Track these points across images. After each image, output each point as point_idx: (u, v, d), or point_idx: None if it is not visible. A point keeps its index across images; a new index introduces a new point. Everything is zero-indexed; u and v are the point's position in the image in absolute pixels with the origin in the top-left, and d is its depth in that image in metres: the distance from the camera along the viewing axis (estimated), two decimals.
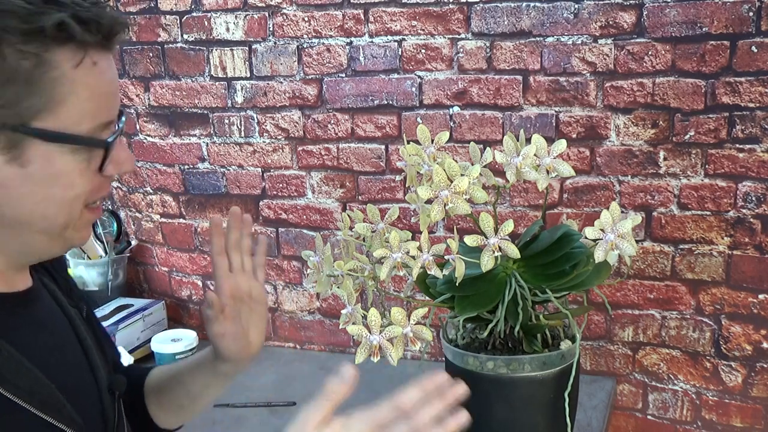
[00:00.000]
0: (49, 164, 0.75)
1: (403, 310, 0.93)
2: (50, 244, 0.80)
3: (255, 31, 1.92)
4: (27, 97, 0.72)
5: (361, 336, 0.92)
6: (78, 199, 0.78)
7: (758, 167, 1.62)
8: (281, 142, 1.97)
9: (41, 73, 0.72)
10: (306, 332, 2.09)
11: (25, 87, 0.72)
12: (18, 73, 0.71)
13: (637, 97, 1.67)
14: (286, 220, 2.02)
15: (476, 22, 1.75)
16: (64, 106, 0.74)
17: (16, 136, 0.72)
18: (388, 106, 1.86)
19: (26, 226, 0.77)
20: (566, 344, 1.07)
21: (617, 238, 0.95)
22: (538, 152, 0.99)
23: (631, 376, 1.84)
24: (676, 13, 1.60)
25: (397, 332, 0.92)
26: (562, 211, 1.78)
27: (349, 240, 1.04)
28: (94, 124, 0.77)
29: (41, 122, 0.73)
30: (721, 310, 1.72)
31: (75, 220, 0.79)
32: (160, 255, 2.20)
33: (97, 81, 0.77)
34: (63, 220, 0.78)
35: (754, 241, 1.66)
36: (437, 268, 0.96)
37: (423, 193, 0.92)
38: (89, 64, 0.75)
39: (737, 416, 1.75)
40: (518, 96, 1.76)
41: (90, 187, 0.79)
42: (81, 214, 0.80)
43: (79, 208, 0.79)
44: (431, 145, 1.03)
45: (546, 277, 1.05)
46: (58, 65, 0.73)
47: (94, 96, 0.76)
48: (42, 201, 0.76)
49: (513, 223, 0.97)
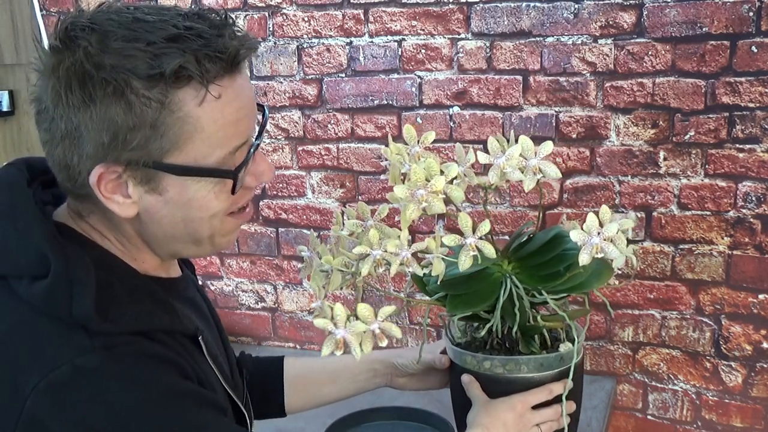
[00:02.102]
0: (184, 191, 0.80)
1: (371, 307, 0.93)
2: (199, 250, 0.87)
3: (255, 31, 1.92)
4: (154, 139, 0.76)
5: (327, 329, 0.93)
6: (216, 216, 0.83)
7: (758, 167, 1.62)
8: (281, 142, 1.97)
9: (165, 116, 0.76)
10: (306, 332, 2.09)
11: (151, 131, 0.76)
12: (144, 119, 0.75)
13: (637, 97, 1.67)
14: (286, 220, 2.02)
15: (476, 22, 1.75)
16: (191, 142, 0.78)
17: (150, 172, 0.78)
18: (388, 106, 1.86)
19: (175, 239, 0.84)
20: (566, 347, 1.07)
21: (603, 242, 0.95)
22: (525, 153, 0.98)
23: (631, 376, 1.84)
24: (676, 13, 1.60)
25: (361, 328, 0.92)
26: (562, 211, 1.78)
27: (340, 236, 1.05)
28: (225, 152, 0.80)
29: (171, 158, 0.78)
30: (721, 310, 1.72)
31: (219, 230, 0.85)
32: None
33: (223, 112, 0.79)
34: (207, 234, 0.84)
35: (754, 241, 1.66)
36: (417, 266, 0.96)
37: (399, 191, 0.93)
38: (212, 98, 0.77)
39: (737, 416, 1.75)
40: (518, 96, 1.76)
41: (227, 204, 0.83)
42: (224, 222, 0.85)
43: (220, 221, 0.84)
44: (417, 145, 1.03)
45: (540, 278, 1.05)
46: (181, 106, 0.76)
47: (221, 127, 0.79)
48: (182, 221, 0.82)
49: (488, 223, 0.97)
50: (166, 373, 0.79)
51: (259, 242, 2.06)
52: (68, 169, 0.79)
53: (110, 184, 0.78)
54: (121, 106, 0.74)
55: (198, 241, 0.85)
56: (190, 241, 0.85)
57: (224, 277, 2.12)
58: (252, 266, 2.09)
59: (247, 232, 2.07)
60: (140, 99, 0.74)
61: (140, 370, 0.77)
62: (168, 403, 0.77)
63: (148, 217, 0.82)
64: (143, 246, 0.86)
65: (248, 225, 2.06)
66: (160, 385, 0.77)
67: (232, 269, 2.11)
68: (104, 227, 0.85)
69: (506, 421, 1.05)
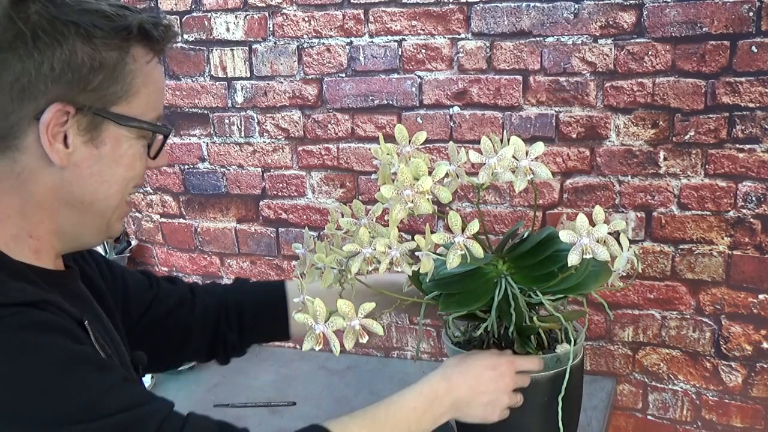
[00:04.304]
0: (118, 146, 0.87)
1: (351, 303, 0.93)
2: (97, 229, 0.92)
3: (255, 31, 1.92)
4: (110, 84, 0.84)
5: (307, 324, 0.94)
6: (132, 181, 0.91)
7: (758, 167, 1.62)
8: (281, 142, 1.97)
9: (123, 65, 0.85)
10: None
11: (110, 75, 0.84)
12: (105, 62, 0.84)
13: (637, 97, 1.67)
14: (286, 220, 2.02)
15: (476, 22, 1.75)
16: (137, 96, 0.87)
17: (97, 119, 0.85)
18: (388, 106, 1.86)
19: (87, 206, 0.88)
20: (562, 347, 1.07)
21: (593, 243, 0.95)
22: (517, 154, 0.98)
23: (631, 376, 1.84)
24: (676, 13, 1.60)
25: (339, 324, 0.93)
26: (563, 211, 1.78)
27: (334, 234, 1.05)
28: (155, 115, 0.90)
29: (118, 108, 0.86)
30: (721, 310, 1.72)
31: (121, 207, 0.91)
32: (160, 255, 2.20)
33: (160, 77, 0.91)
34: (116, 203, 0.90)
35: (754, 241, 1.66)
36: (407, 265, 0.96)
37: (386, 191, 0.93)
38: (156, 61, 0.90)
39: (737, 416, 1.75)
40: (518, 96, 1.76)
41: (142, 171, 0.91)
42: (123, 203, 0.91)
43: (127, 193, 0.91)
44: (408, 145, 1.03)
45: (534, 278, 1.05)
46: (136, 60, 0.86)
47: (158, 90, 0.91)
48: (105, 181, 0.88)
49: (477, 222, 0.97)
50: (59, 339, 0.80)
51: (259, 242, 2.06)
52: (3, 117, 0.82)
53: (54, 129, 0.83)
54: (89, 47, 0.82)
55: (104, 212, 0.90)
56: (98, 211, 0.89)
57: (224, 277, 2.13)
58: (252, 266, 2.09)
59: (247, 232, 2.07)
60: (105, 43, 0.83)
61: (32, 338, 0.78)
62: (63, 369, 0.78)
63: (75, 174, 0.86)
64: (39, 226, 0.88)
65: (248, 225, 2.06)
66: (53, 351, 0.78)
67: (232, 269, 2.11)
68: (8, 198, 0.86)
69: (479, 377, 1.01)
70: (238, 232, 2.08)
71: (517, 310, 1.04)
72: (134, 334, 1.11)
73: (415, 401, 0.99)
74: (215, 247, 2.12)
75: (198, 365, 1.96)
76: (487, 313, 1.08)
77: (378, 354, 2.03)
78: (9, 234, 0.87)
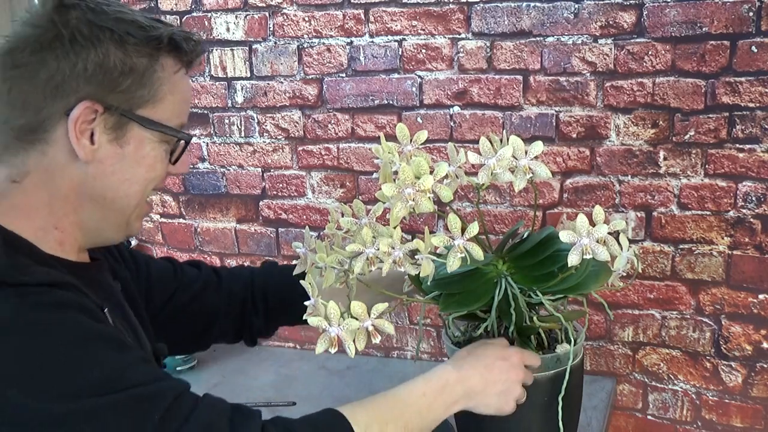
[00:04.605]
0: (141, 147, 0.92)
1: (364, 304, 0.94)
2: (118, 226, 0.96)
3: (255, 31, 1.92)
4: (138, 88, 0.90)
5: (320, 327, 0.94)
6: (152, 182, 0.95)
7: (758, 167, 1.62)
8: (281, 142, 1.97)
9: (152, 71, 0.91)
10: (306, 332, 2.09)
11: (139, 80, 0.90)
12: (135, 67, 0.89)
13: (637, 97, 1.67)
14: (286, 220, 2.02)
15: (476, 22, 1.75)
16: (163, 102, 0.92)
17: (123, 119, 0.90)
18: (388, 106, 1.86)
19: (109, 202, 0.93)
20: (562, 347, 1.07)
21: (593, 243, 0.95)
22: (516, 153, 0.98)
23: (631, 376, 1.84)
24: (676, 13, 1.60)
25: (354, 326, 0.93)
26: (563, 210, 1.78)
27: (335, 233, 1.05)
28: (179, 122, 0.95)
29: (144, 111, 0.91)
30: (721, 310, 1.72)
31: (141, 207, 0.96)
32: (159, 255, 2.20)
33: (186, 88, 0.97)
34: (136, 202, 0.94)
35: (754, 241, 1.66)
36: (410, 266, 0.96)
37: (387, 190, 0.93)
38: (183, 73, 0.96)
39: (737, 416, 1.75)
40: (518, 96, 1.76)
41: (163, 174, 0.96)
42: (143, 203, 0.96)
43: (147, 194, 0.96)
44: (409, 144, 1.03)
45: (534, 278, 1.05)
46: (164, 69, 0.92)
47: (183, 100, 0.96)
48: (127, 180, 0.92)
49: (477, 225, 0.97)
50: (79, 317, 0.82)
51: (259, 242, 2.06)
52: (37, 112, 0.87)
53: (82, 126, 0.88)
54: (121, 52, 0.88)
55: (125, 210, 0.94)
56: (118, 209, 0.93)
57: None
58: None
59: (247, 232, 2.07)
60: (137, 50, 0.89)
61: (53, 315, 0.80)
62: (81, 344, 0.81)
63: (99, 171, 0.90)
64: (64, 219, 0.92)
65: (248, 225, 2.06)
66: (73, 328, 0.81)
67: None
68: (36, 190, 0.90)
69: (491, 366, 1.02)
70: (238, 232, 2.08)
71: (517, 310, 1.04)
72: (158, 320, 1.14)
73: (425, 387, 0.99)
74: (215, 247, 2.12)
75: (198, 365, 1.96)
76: (487, 313, 1.08)
77: (378, 354, 2.03)
78: (37, 226, 0.91)
